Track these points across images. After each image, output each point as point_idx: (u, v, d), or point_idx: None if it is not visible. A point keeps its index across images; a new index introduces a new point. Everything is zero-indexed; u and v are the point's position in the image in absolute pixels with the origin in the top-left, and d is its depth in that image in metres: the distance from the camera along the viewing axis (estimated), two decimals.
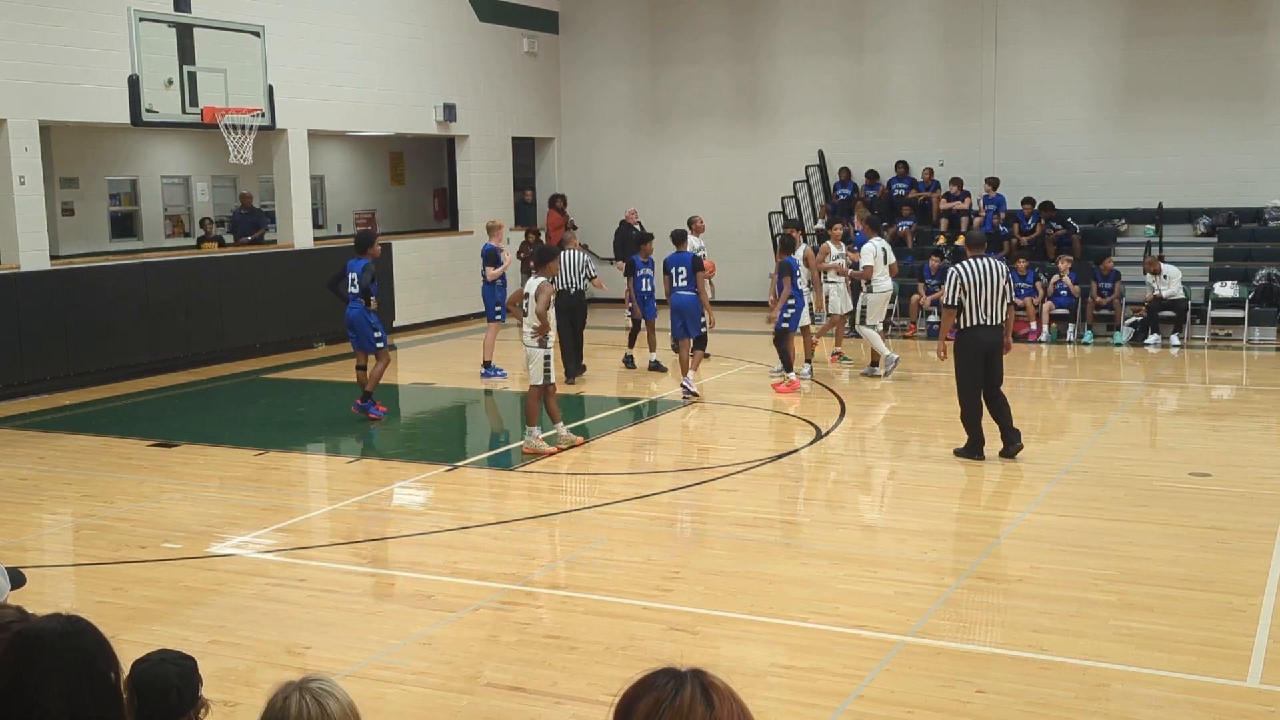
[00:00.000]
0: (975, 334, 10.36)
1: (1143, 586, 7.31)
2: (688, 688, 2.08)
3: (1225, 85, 19.47)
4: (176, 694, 3.14)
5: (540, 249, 11.74)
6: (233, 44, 13.73)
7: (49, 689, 2.80)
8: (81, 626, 2.90)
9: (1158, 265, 17.57)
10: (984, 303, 10.29)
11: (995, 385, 10.47)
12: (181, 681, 3.17)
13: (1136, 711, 5.66)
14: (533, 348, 10.98)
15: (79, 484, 10.41)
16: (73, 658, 2.85)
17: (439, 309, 21.10)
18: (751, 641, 6.63)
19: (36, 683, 2.81)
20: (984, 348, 10.36)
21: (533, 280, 11.03)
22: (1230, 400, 14.44)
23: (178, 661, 3.28)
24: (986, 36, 20.91)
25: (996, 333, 10.41)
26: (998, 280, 10.32)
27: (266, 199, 21.34)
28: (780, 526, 9.16)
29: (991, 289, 10.29)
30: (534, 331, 10.92)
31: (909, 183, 21.37)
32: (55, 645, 2.84)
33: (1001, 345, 10.50)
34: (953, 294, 10.37)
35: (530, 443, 11.06)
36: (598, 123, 24.13)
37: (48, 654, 2.83)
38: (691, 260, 13.81)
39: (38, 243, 14.72)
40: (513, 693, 5.96)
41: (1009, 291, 10.48)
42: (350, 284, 12.74)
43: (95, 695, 2.84)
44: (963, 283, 10.30)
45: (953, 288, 10.37)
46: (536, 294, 10.83)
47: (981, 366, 10.40)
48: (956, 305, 10.37)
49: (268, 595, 7.52)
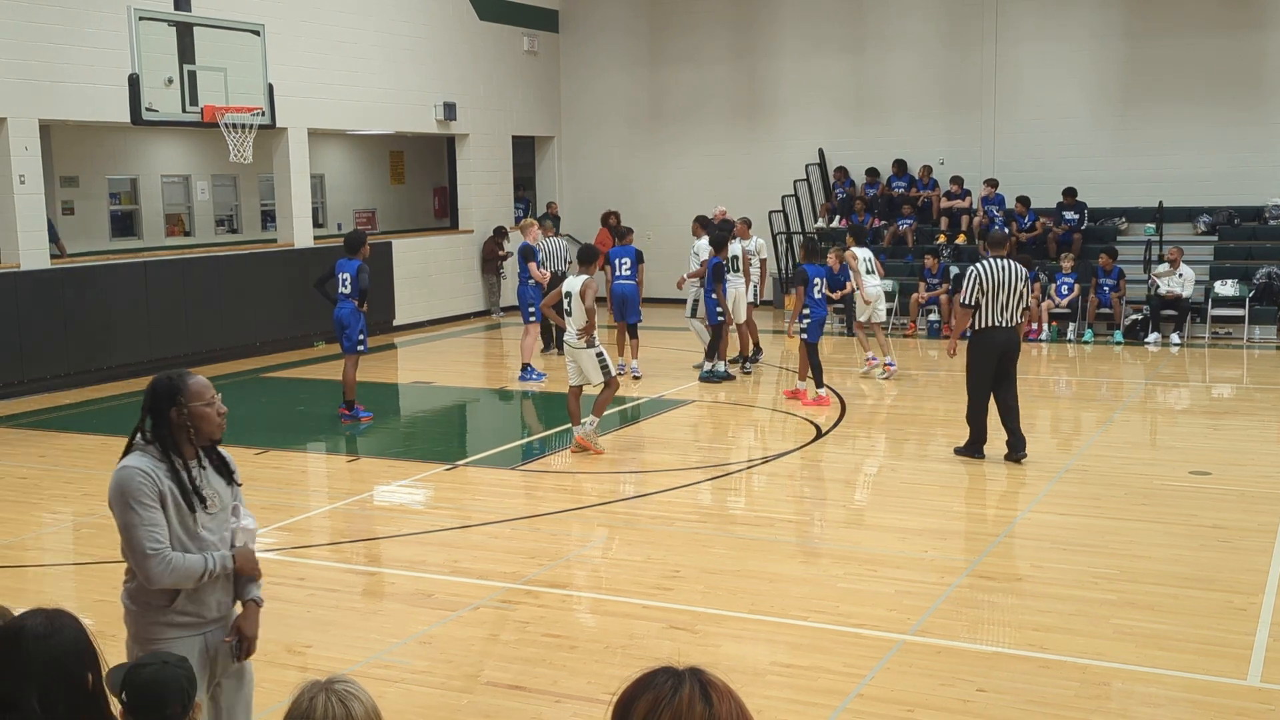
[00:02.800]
0: (990, 335, 10.21)
1: (1143, 585, 7.30)
2: (686, 686, 2.08)
3: (1226, 83, 19.46)
4: (185, 695, 3.13)
5: (582, 248, 11.61)
6: (233, 43, 13.73)
7: (25, 693, 2.78)
8: (59, 626, 2.87)
9: (1179, 256, 17.56)
10: (1001, 304, 10.13)
11: (1007, 388, 10.32)
12: (187, 684, 3.17)
13: (1137, 710, 5.66)
14: (580, 349, 10.76)
15: (79, 483, 10.41)
16: (48, 661, 2.82)
17: (439, 308, 21.11)
18: (751, 640, 6.63)
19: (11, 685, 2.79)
20: (999, 349, 10.22)
21: (573, 279, 10.85)
22: (1230, 399, 14.44)
23: (180, 664, 3.26)
24: (987, 35, 20.91)
25: (1012, 334, 10.27)
26: (1015, 283, 10.15)
27: (267, 198, 21.36)
28: (780, 525, 9.16)
29: (1010, 291, 10.12)
30: (580, 332, 10.72)
31: (908, 181, 21.37)
32: (31, 647, 2.82)
33: (1016, 348, 10.35)
34: (970, 293, 10.18)
35: (586, 434, 10.91)
36: (598, 121, 24.13)
37: (23, 656, 2.81)
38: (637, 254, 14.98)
39: (38, 241, 14.72)
40: (513, 691, 5.96)
41: (1026, 295, 10.33)
42: (341, 284, 12.56)
43: (71, 700, 2.83)
44: (981, 283, 10.12)
45: (971, 287, 10.17)
46: (581, 292, 10.66)
47: (994, 367, 10.26)
48: (973, 305, 10.20)
49: (268, 594, 7.42)
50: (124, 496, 3.95)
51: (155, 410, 4.06)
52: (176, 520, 4.00)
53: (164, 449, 4.03)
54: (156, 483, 3.96)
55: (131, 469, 3.98)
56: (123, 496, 3.95)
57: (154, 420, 4.06)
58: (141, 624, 4.07)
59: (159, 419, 4.06)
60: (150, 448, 4.05)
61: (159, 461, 4.01)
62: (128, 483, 3.95)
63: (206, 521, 4.09)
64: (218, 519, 4.14)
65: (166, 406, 4.04)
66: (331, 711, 2.72)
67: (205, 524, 4.09)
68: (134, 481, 3.95)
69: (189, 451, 4.08)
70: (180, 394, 4.04)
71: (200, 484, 4.06)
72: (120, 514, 3.97)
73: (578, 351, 10.82)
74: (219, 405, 4.16)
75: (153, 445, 4.05)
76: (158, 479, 3.97)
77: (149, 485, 3.94)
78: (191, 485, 4.03)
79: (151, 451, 4.05)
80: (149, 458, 4.03)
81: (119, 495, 3.96)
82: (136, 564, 3.98)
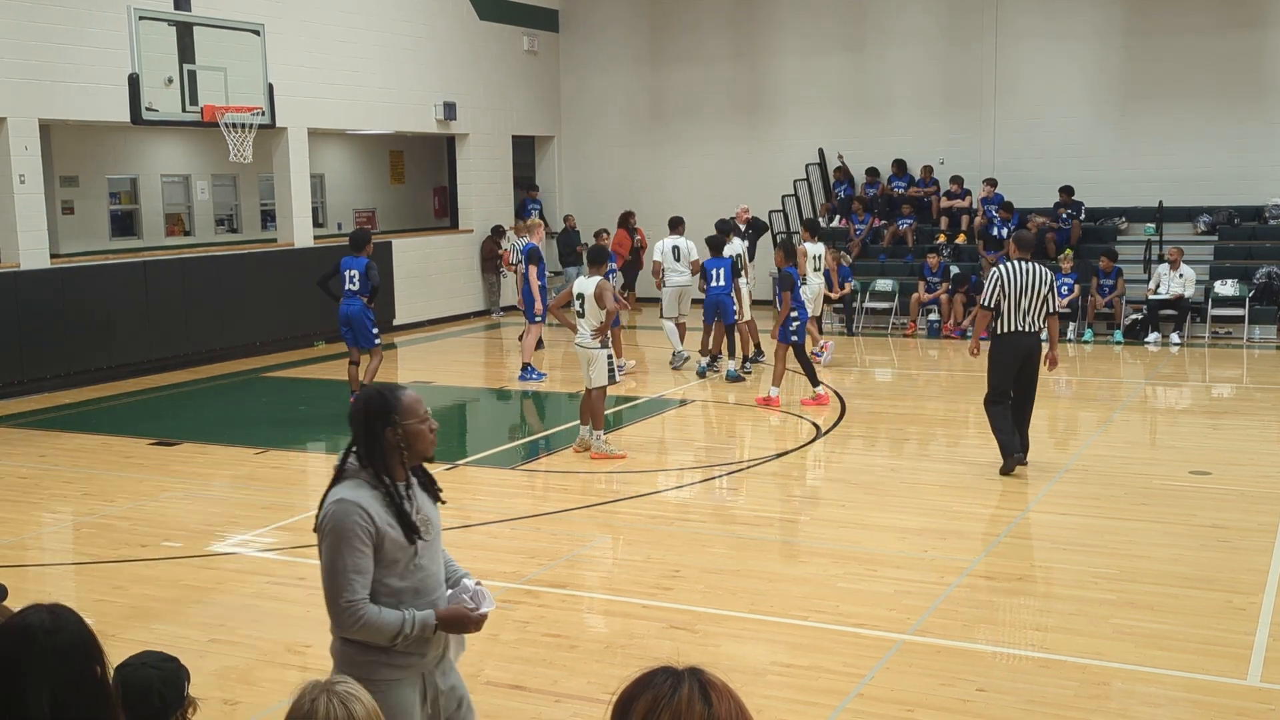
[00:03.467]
0: (1011, 340, 9.81)
1: (1143, 585, 7.31)
2: (685, 685, 2.08)
3: (1226, 83, 19.46)
4: (159, 697, 3.12)
5: (592, 249, 11.55)
6: (233, 42, 13.74)
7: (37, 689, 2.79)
8: (63, 620, 2.88)
9: (1179, 256, 17.57)
10: (1024, 309, 9.72)
11: (1025, 394, 9.98)
12: (163, 685, 3.16)
13: (1136, 710, 5.66)
14: (595, 349, 10.66)
15: (79, 482, 10.41)
16: (59, 655, 2.82)
17: (439, 307, 21.11)
18: (751, 640, 6.63)
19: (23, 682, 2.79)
20: (1021, 353, 9.82)
21: (585, 280, 10.75)
22: (1230, 399, 14.43)
23: (159, 665, 3.26)
24: (987, 34, 20.91)
25: (1034, 340, 9.85)
26: (1040, 287, 9.73)
27: (267, 197, 21.34)
28: (780, 525, 9.16)
29: (1033, 295, 9.71)
30: (594, 332, 10.63)
31: (907, 180, 21.37)
32: (41, 642, 2.82)
33: (1038, 353, 9.91)
34: (991, 295, 9.82)
35: (600, 447, 10.78)
36: (598, 121, 24.13)
37: (34, 652, 2.81)
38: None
39: (38, 241, 14.72)
40: (513, 691, 5.96)
41: (1052, 301, 9.85)
42: (348, 281, 12.69)
43: (81, 694, 2.83)
44: (1003, 285, 9.73)
45: (992, 289, 9.81)
46: (597, 294, 10.58)
47: (1015, 371, 9.86)
48: (994, 307, 9.83)
49: (268, 594, 7.52)
50: (338, 535, 3.65)
51: (369, 430, 3.75)
52: (394, 555, 3.70)
53: (376, 473, 3.74)
54: (373, 522, 3.66)
55: (350, 505, 3.67)
56: (336, 535, 3.65)
57: (367, 441, 3.75)
58: (356, 662, 3.73)
59: (371, 440, 3.74)
60: (362, 473, 3.75)
61: (373, 489, 3.72)
62: (345, 521, 3.64)
63: (424, 550, 3.80)
64: (433, 546, 3.86)
65: (381, 426, 3.74)
66: (333, 713, 2.73)
67: (423, 553, 3.80)
68: (351, 520, 3.64)
69: (399, 474, 3.78)
70: (394, 411, 3.76)
71: (414, 511, 3.77)
72: (328, 551, 3.68)
73: (591, 352, 10.69)
74: (431, 422, 3.88)
75: (365, 470, 3.75)
76: (374, 516, 3.66)
77: (366, 526, 3.65)
78: (408, 515, 3.73)
79: (364, 478, 3.75)
80: (364, 487, 3.72)
81: (333, 532, 3.66)
82: (330, 607, 3.70)
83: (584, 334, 10.72)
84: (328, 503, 3.73)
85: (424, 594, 3.80)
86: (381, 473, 3.73)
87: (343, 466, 3.79)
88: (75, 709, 2.81)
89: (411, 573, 3.76)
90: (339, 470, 3.79)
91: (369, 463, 3.75)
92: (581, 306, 10.69)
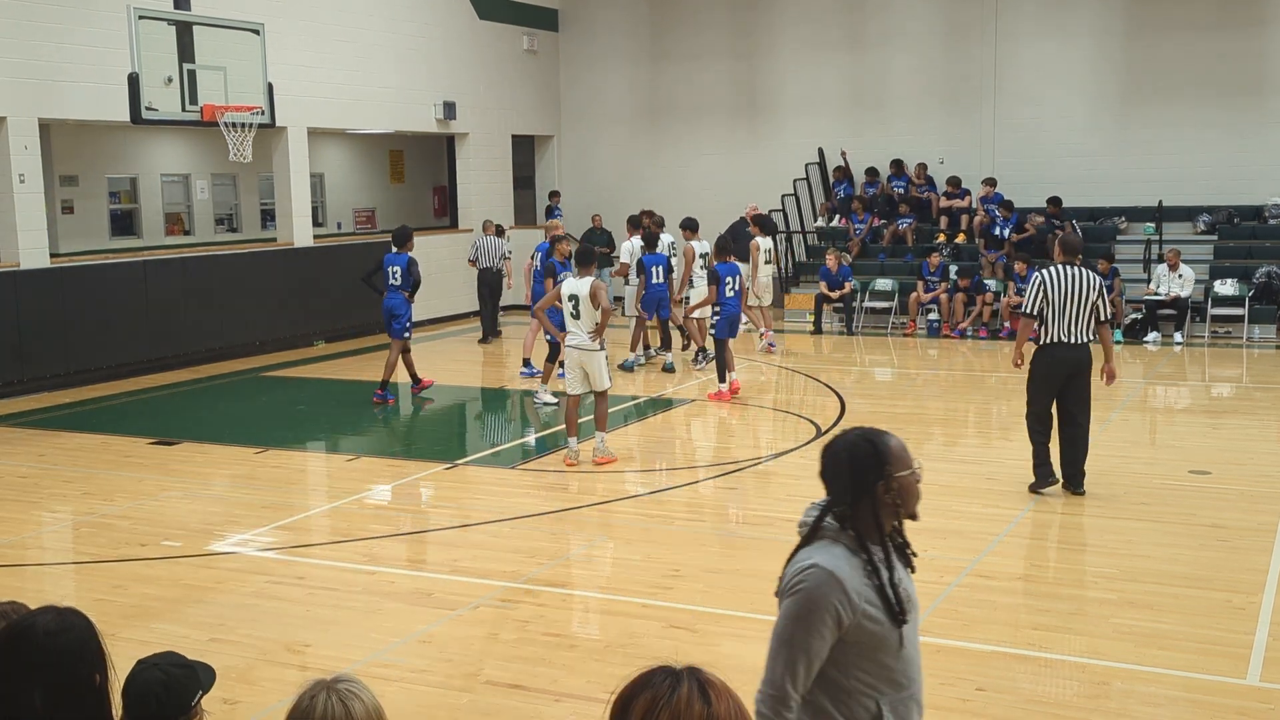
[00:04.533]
0: (1055, 352, 9.09)
1: (1142, 584, 7.31)
2: (684, 685, 2.08)
3: (1226, 82, 19.46)
4: (155, 701, 3.08)
5: (579, 250, 11.38)
6: (232, 42, 13.75)
7: (30, 688, 2.79)
8: (69, 624, 2.88)
9: (1177, 259, 17.58)
10: (1069, 318, 8.99)
11: (1074, 413, 9.17)
12: (163, 689, 3.12)
13: (1136, 709, 5.66)
14: (593, 350, 10.45)
15: (79, 482, 10.41)
16: (56, 658, 2.82)
17: (439, 307, 21.09)
18: (752, 639, 6.62)
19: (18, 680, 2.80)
20: (1066, 367, 9.09)
21: (578, 281, 10.54)
22: (1230, 398, 14.44)
23: (169, 669, 3.24)
24: (987, 32, 20.91)
25: (1082, 352, 9.08)
26: (1087, 294, 8.99)
27: (266, 197, 21.34)
28: (780, 524, 9.15)
29: (1079, 303, 8.97)
30: (592, 333, 10.45)
31: (906, 180, 21.36)
32: (40, 642, 2.83)
33: (1088, 367, 9.14)
34: (1033, 301, 9.13)
35: (603, 451, 10.60)
36: (597, 120, 24.12)
37: (32, 651, 2.81)
38: None
39: (37, 240, 14.72)
40: (513, 690, 5.96)
41: (1102, 309, 9.10)
42: (391, 276, 13.42)
43: (73, 699, 2.83)
44: (1046, 291, 9.02)
45: (1034, 295, 9.11)
46: (592, 294, 10.41)
47: (1058, 387, 9.14)
48: (1036, 314, 9.15)
49: (267, 593, 7.52)
50: (807, 609, 3.09)
51: (856, 485, 3.17)
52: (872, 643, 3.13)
53: (860, 538, 3.16)
54: (849, 604, 3.08)
55: (830, 577, 3.09)
56: (805, 607, 3.10)
57: (854, 497, 3.17)
58: None
59: (859, 495, 3.17)
60: (843, 536, 3.17)
61: (854, 555, 3.15)
62: (820, 596, 3.08)
63: (909, 635, 3.20)
64: (914, 628, 3.25)
65: (874, 480, 3.16)
66: (331, 710, 2.72)
67: (908, 639, 3.20)
68: (829, 599, 3.07)
69: (879, 538, 3.19)
70: (886, 462, 3.16)
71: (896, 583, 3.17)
72: (787, 620, 3.14)
73: (588, 355, 10.47)
74: (919, 471, 3.26)
75: (845, 533, 3.18)
76: (851, 596, 3.09)
77: (840, 608, 3.08)
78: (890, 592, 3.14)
79: (845, 541, 3.17)
80: (845, 555, 3.14)
81: (802, 604, 3.10)
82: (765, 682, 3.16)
83: (580, 336, 10.51)
84: (803, 565, 3.15)
85: (904, 687, 3.24)
86: (866, 538, 3.17)
87: (818, 525, 3.23)
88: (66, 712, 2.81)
89: (896, 670, 3.20)
90: (813, 529, 3.23)
91: (853, 525, 3.17)
92: (575, 308, 10.50)
